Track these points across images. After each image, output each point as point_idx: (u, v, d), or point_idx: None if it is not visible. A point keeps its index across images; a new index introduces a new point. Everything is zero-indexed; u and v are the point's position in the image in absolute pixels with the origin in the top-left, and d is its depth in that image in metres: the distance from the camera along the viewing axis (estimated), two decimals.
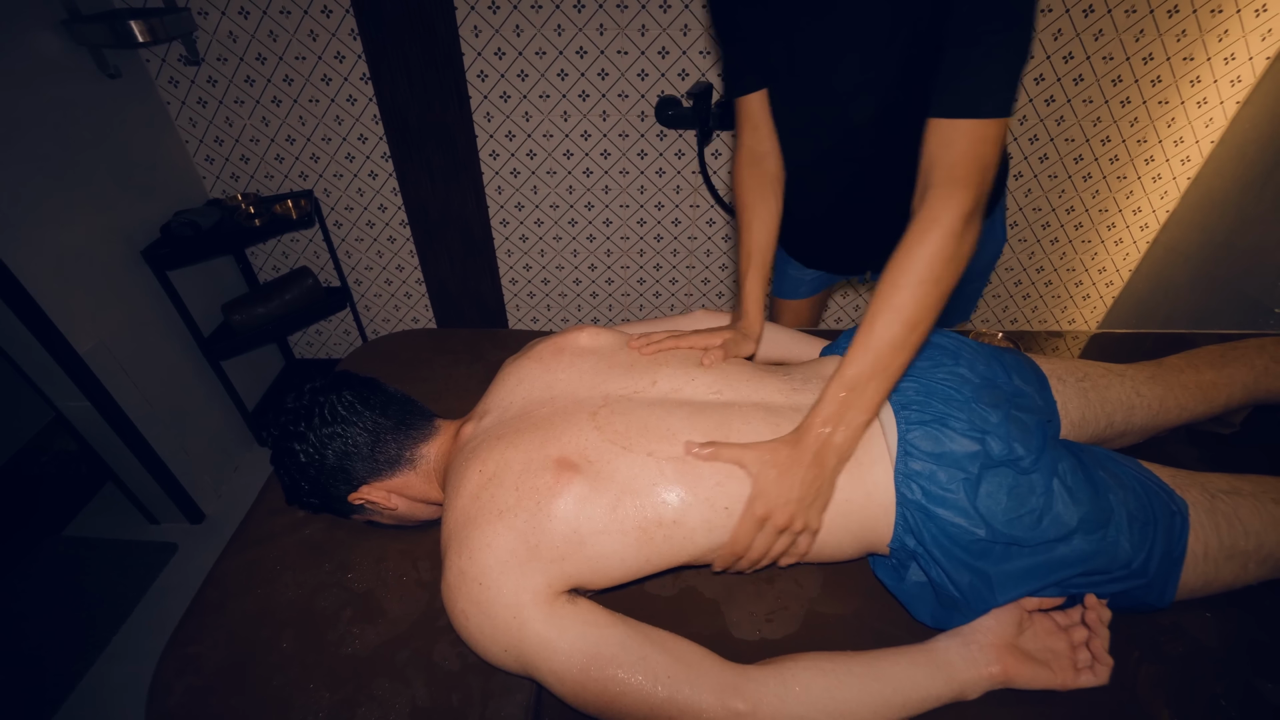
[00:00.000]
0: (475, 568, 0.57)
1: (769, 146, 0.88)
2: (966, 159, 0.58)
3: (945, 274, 0.59)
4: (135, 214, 1.55)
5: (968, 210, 0.58)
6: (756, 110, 0.87)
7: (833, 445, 0.61)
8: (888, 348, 0.60)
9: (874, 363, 0.60)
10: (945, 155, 0.59)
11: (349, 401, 0.72)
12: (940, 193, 0.59)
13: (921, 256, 0.59)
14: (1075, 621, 0.63)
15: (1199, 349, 0.86)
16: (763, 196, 0.87)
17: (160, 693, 0.64)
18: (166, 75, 1.58)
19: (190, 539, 1.73)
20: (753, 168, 0.88)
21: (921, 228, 0.59)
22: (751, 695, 0.54)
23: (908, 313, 0.59)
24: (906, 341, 0.60)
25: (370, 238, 1.89)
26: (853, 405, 0.61)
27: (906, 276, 0.59)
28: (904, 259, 0.60)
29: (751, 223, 0.87)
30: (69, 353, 1.38)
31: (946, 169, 0.59)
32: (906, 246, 0.60)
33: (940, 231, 0.58)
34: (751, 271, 0.86)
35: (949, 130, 0.59)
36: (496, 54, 1.55)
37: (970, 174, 0.58)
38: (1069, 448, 0.67)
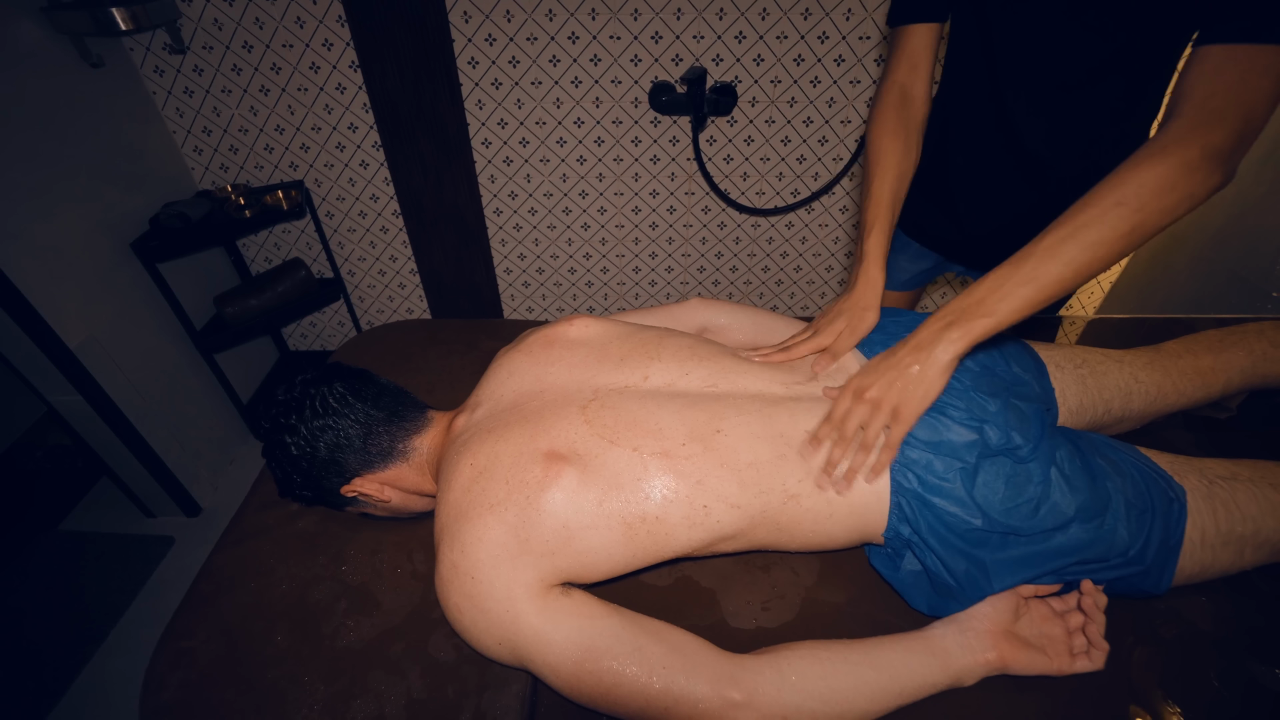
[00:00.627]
0: (467, 562, 0.57)
1: (922, 91, 0.79)
2: (1232, 89, 0.50)
3: (1154, 207, 0.51)
4: (123, 206, 1.53)
5: (1215, 148, 0.50)
6: (921, 46, 0.78)
7: (943, 336, 0.58)
8: (1049, 258, 0.54)
9: (1027, 270, 0.55)
10: (1205, 84, 0.51)
11: (340, 393, 0.71)
12: (1186, 121, 0.51)
13: (1134, 179, 0.51)
14: (1071, 607, 0.64)
15: (1197, 334, 0.85)
16: (905, 144, 0.78)
17: (154, 687, 0.64)
18: (151, 64, 1.56)
19: (187, 532, 1.73)
20: (899, 109, 0.79)
21: (1148, 151, 0.52)
22: (747, 684, 0.54)
23: (1090, 231, 0.52)
24: (1074, 260, 0.53)
25: (363, 228, 1.87)
26: (983, 304, 0.57)
27: (1105, 195, 0.52)
28: (1111, 179, 0.52)
29: (886, 170, 0.77)
30: (59, 347, 1.36)
31: (1202, 98, 0.51)
32: (1120, 169, 0.52)
33: (1170, 160, 0.50)
34: (878, 226, 0.76)
35: (1220, 58, 0.51)
36: (487, 40, 1.52)
37: (1232, 108, 0.50)
38: (1067, 435, 0.67)
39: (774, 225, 1.86)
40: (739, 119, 1.65)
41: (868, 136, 0.82)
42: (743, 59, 1.55)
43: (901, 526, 0.63)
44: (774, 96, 1.61)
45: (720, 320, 0.89)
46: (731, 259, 1.94)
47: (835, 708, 0.55)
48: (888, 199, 0.77)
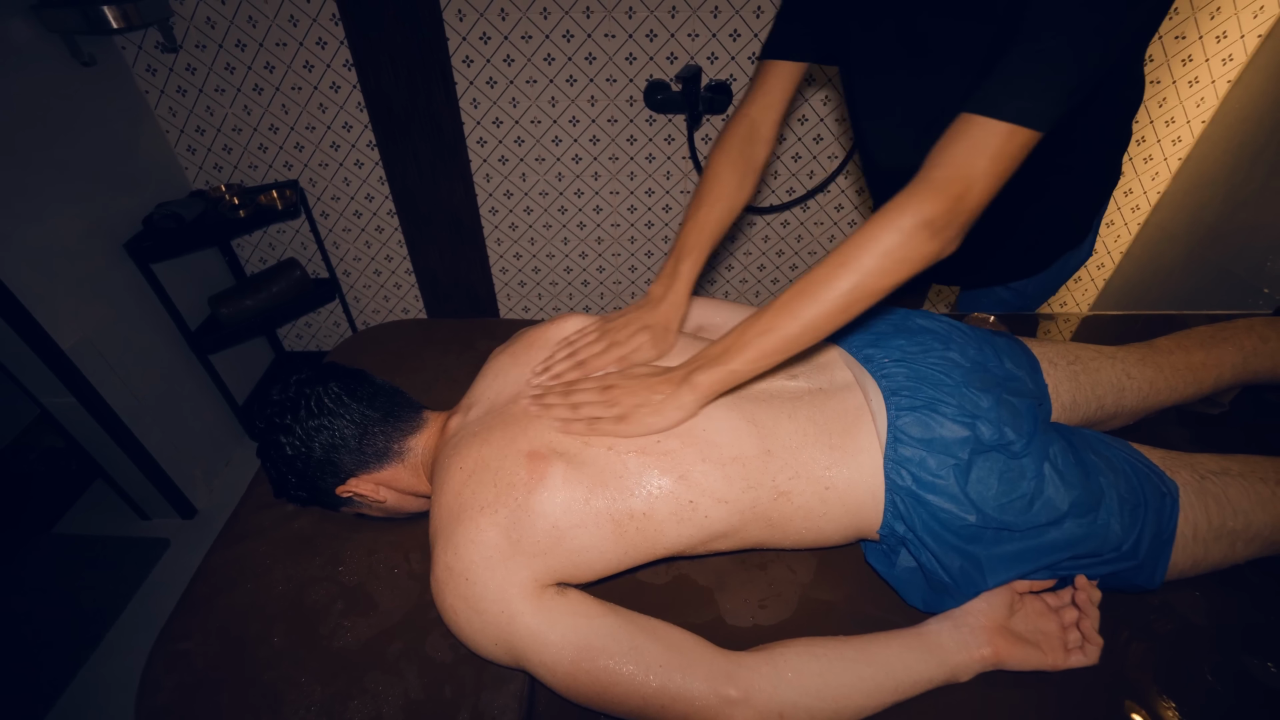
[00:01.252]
0: (461, 564, 0.57)
1: (769, 131, 0.81)
2: (954, 162, 0.52)
3: (873, 270, 0.54)
4: (116, 206, 1.52)
5: (928, 219, 0.52)
6: (778, 84, 0.79)
7: (690, 380, 0.61)
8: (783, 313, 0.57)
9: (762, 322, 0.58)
10: (937, 152, 0.53)
11: (335, 393, 0.71)
12: (914, 188, 0.53)
13: (860, 241, 0.54)
14: (1065, 602, 0.64)
15: (1189, 330, 0.86)
16: (741, 179, 0.80)
17: (150, 690, 0.64)
18: (144, 63, 1.55)
19: (183, 534, 1.72)
20: (743, 144, 0.81)
21: (878, 214, 0.54)
22: (744, 682, 0.54)
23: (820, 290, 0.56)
24: (803, 316, 0.56)
25: (358, 228, 1.87)
26: (727, 354, 0.60)
27: (837, 254, 0.55)
28: (849, 238, 0.56)
29: (718, 199, 0.78)
30: (52, 349, 1.36)
31: (929, 166, 0.53)
32: (859, 228, 0.56)
33: (889, 226, 0.53)
34: (696, 253, 0.77)
35: (956, 126, 0.53)
36: (482, 38, 1.52)
37: (953, 179, 0.52)
38: (1060, 431, 0.67)
39: (769, 223, 1.86)
40: None
41: (708, 160, 0.82)
42: (737, 57, 1.55)
43: (896, 524, 0.63)
44: None
45: (715, 319, 0.89)
46: (727, 257, 1.94)
47: (832, 704, 0.55)
48: (712, 227, 0.78)
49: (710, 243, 0.78)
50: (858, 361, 0.71)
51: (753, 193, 0.83)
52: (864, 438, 0.65)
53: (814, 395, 0.68)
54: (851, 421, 0.65)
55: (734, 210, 0.81)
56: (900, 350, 0.69)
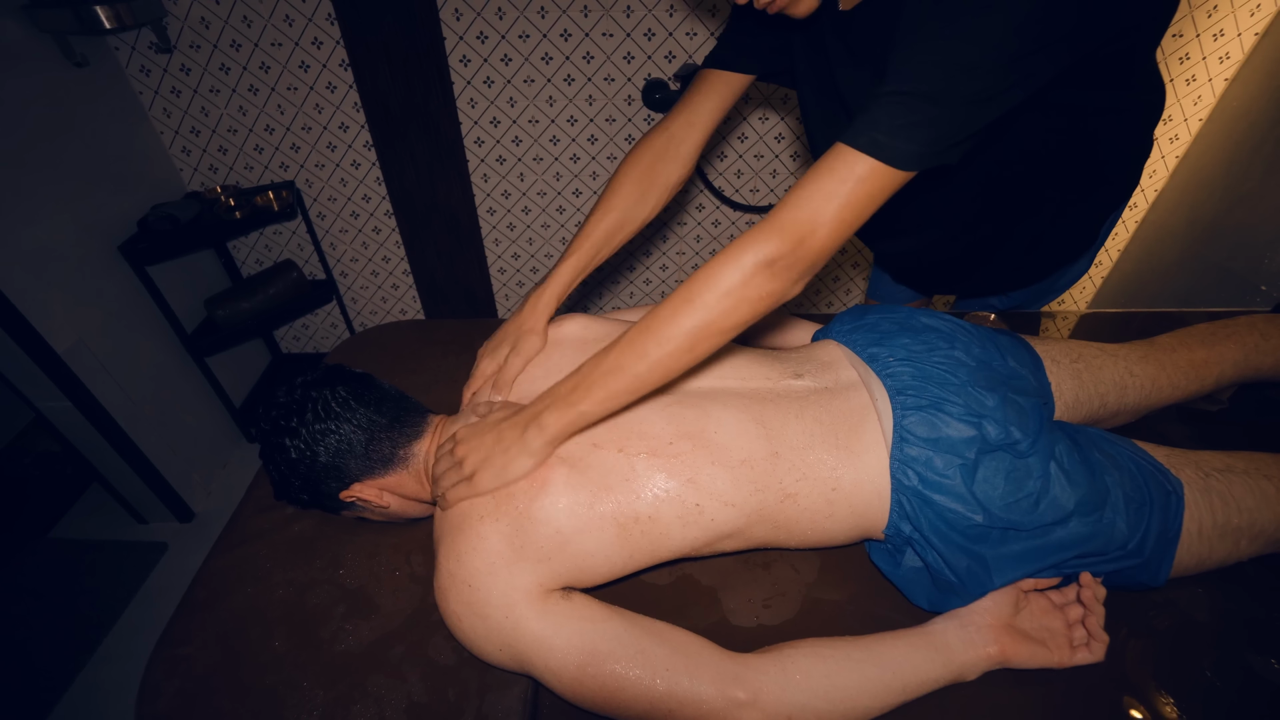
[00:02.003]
0: (464, 570, 0.57)
1: (688, 151, 0.79)
2: (800, 202, 0.50)
3: (718, 308, 0.52)
4: (110, 208, 1.51)
5: (769, 258, 0.50)
6: (713, 97, 0.76)
7: (537, 422, 0.59)
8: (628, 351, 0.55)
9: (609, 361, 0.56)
10: (794, 190, 0.52)
11: (343, 397, 0.70)
12: (763, 225, 0.51)
13: (705, 278, 0.52)
14: (1071, 600, 0.64)
15: (1190, 327, 0.86)
16: (643, 196, 0.78)
17: (150, 695, 0.63)
18: (137, 64, 1.53)
19: (180, 538, 1.71)
20: (655, 160, 0.78)
21: (726, 250, 0.53)
22: (752, 684, 0.54)
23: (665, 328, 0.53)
24: (649, 354, 0.54)
25: (355, 229, 1.86)
26: (574, 393, 0.57)
27: (683, 291, 0.53)
28: (696, 274, 0.53)
29: (610, 212, 0.77)
30: (47, 352, 1.34)
31: (785, 203, 0.51)
32: (709, 263, 0.54)
33: (733, 264, 0.51)
34: (573, 257, 0.77)
35: (818, 163, 0.51)
36: (479, 38, 1.51)
37: (799, 222, 0.50)
38: (1065, 430, 0.67)
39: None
40: (733, 116, 1.64)
41: (618, 167, 0.81)
42: None
43: (902, 524, 0.63)
44: (767, 93, 1.60)
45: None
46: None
47: (840, 705, 0.55)
48: (598, 237, 0.78)
49: (591, 251, 0.78)
50: (863, 360, 0.71)
51: (655, 211, 0.80)
52: (870, 437, 0.64)
53: (820, 395, 0.68)
54: (858, 421, 0.65)
55: (625, 225, 0.79)
56: (905, 349, 0.69)
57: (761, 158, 1.72)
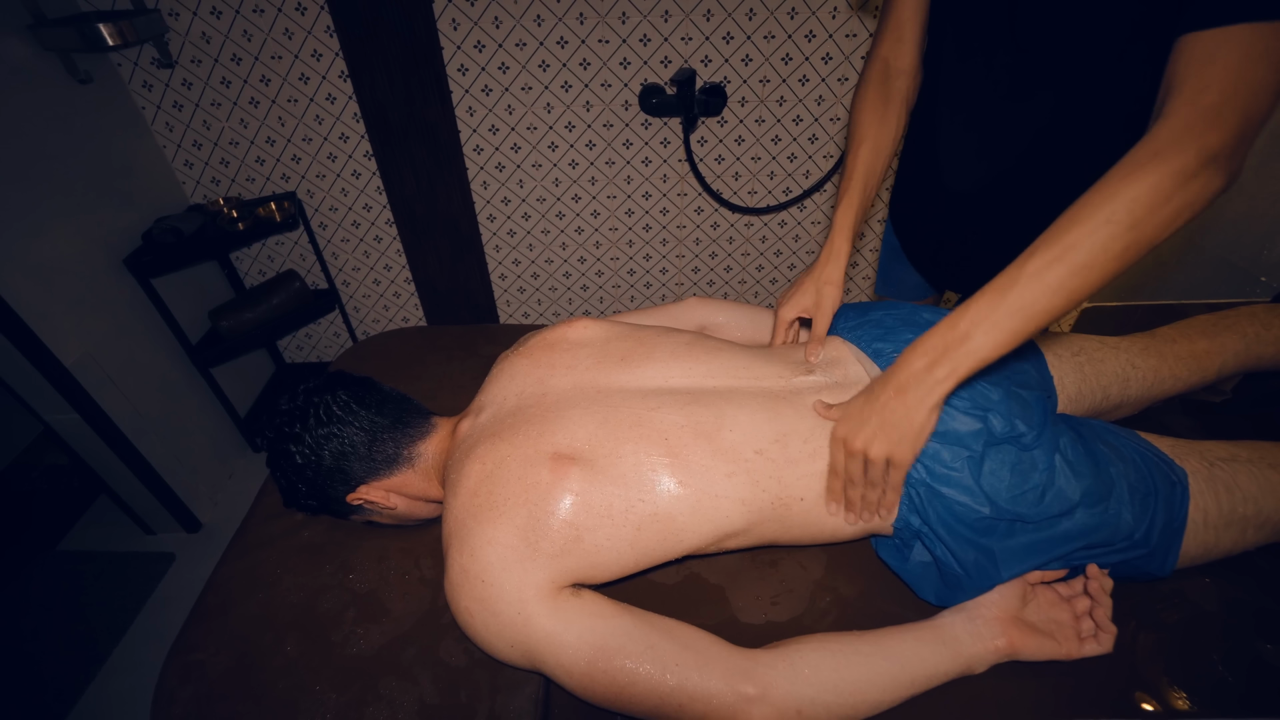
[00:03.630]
0: (477, 565, 0.57)
1: (908, 64, 0.77)
2: (1229, 81, 0.44)
3: (1150, 223, 0.45)
4: (115, 222, 1.52)
5: (1213, 151, 0.44)
6: (908, 13, 0.74)
7: (927, 378, 0.54)
8: (1037, 285, 0.48)
9: (1013, 297, 0.49)
10: (1196, 77, 0.45)
11: (344, 401, 0.71)
12: (1178, 121, 0.45)
13: (1124, 192, 0.45)
14: (1078, 592, 0.64)
15: (1190, 319, 0.86)
16: (882, 118, 0.77)
17: (164, 701, 0.64)
18: (140, 79, 1.55)
19: (187, 548, 1.71)
20: (880, 85, 0.77)
21: (1136, 159, 0.46)
22: (761, 679, 0.54)
23: (1080, 252, 0.46)
24: (1064, 285, 0.47)
25: (356, 238, 1.87)
26: (968, 339, 0.51)
27: (1094, 212, 0.46)
28: (1099, 191, 0.46)
29: (860, 145, 0.77)
30: (54, 365, 1.35)
31: (1194, 93, 0.44)
32: (1108, 179, 0.47)
33: (1162, 168, 0.44)
34: (846, 200, 0.76)
35: (1212, 43, 0.44)
36: (476, 47, 1.52)
37: (1229, 103, 0.43)
38: (1068, 422, 0.68)
39: (766, 224, 1.87)
40: (729, 119, 1.65)
41: (850, 114, 0.81)
42: (731, 59, 1.56)
43: (911, 517, 0.64)
44: (763, 96, 1.62)
45: (718, 318, 0.89)
46: (725, 259, 1.95)
47: (849, 699, 0.55)
48: (860, 172, 0.77)
49: (860, 187, 0.77)
50: (869, 357, 0.71)
51: (899, 126, 0.79)
52: None
53: (829, 390, 0.69)
54: None
55: (880, 149, 0.78)
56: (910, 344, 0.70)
57: (758, 160, 1.73)
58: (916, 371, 0.55)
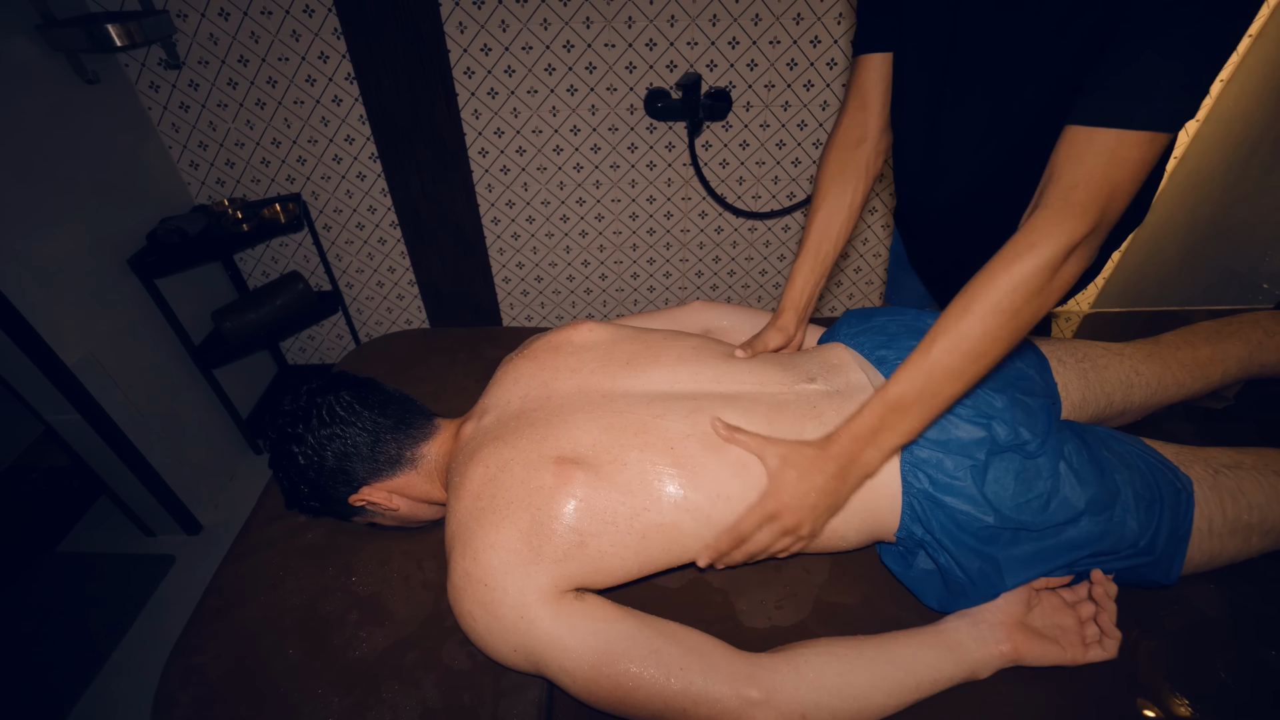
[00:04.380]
0: (480, 569, 0.57)
1: (873, 130, 0.79)
2: (1093, 179, 0.49)
3: (1026, 309, 0.51)
4: (120, 222, 1.52)
5: (1074, 241, 0.49)
6: (872, 80, 0.76)
7: (859, 462, 0.58)
8: (941, 374, 0.54)
9: (923, 388, 0.55)
10: (1069, 171, 0.50)
11: (347, 402, 0.71)
12: (1049, 215, 0.50)
13: (1004, 283, 0.51)
14: (1082, 597, 0.64)
15: (1194, 325, 0.86)
16: (840, 185, 0.79)
17: (165, 704, 0.63)
18: (147, 80, 1.56)
19: (188, 550, 1.71)
20: (843, 151, 0.80)
21: (1014, 250, 0.51)
22: (765, 683, 0.54)
23: (972, 342, 0.53)
24: (964, 373, 0.54)
25: (360, 240, 1.87)
26: (889, 427, 0.57)
27: (980, 303, 0.52)
28: (985, 282, 0.52)
29: (817, 211, 0.80)
30: (57, 365, 1.35)
31: (1066, 188, 0.50)
32: (991, 268, 0.52)
33: (1034, 260, 0.50)
34: (798, 264, 0.81)
35: (1083, 140, 0.49)
36: (483, 50, 1.53)
37: (1092, 199, 0.49)
38: (1073, 429, 0.67)
39: (770, 229, 1.87)
40: (734, 124, 1.66)
41: (815, 179, 0.84)
42: (736, 64, 1.56)
43: (914, 526, 0.63)
44: (768, 101, 1.62)
45: (723, 323, 0.89)
46: (729, 263, 1.95)
47: (853, 704, 0.55)
48: (811, 239, 0.81)
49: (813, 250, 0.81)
50: (870, 363, 0.71)
51: (861, 189, 0.81)
52: None
53: (830, 399, 0.68)
54: None
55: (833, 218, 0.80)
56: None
57: (763, 165, 1.73)
58: (852, 460, 0.59)
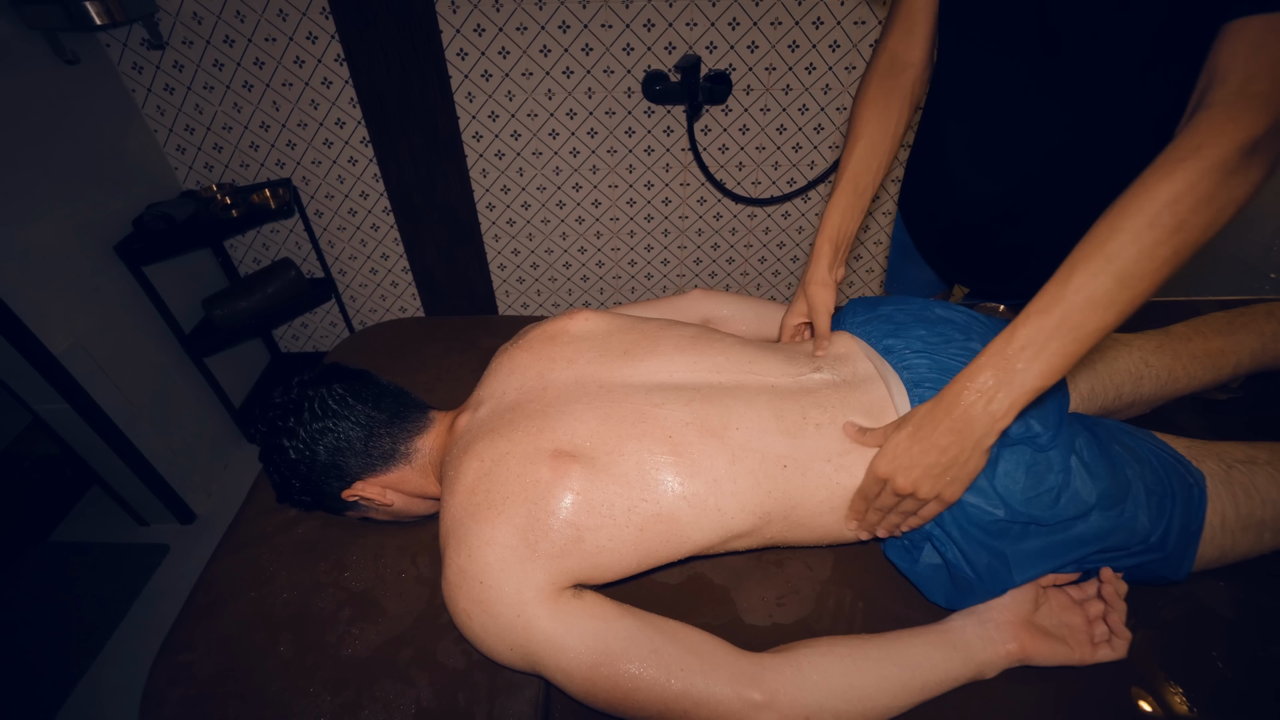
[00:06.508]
0: (475, 566, 0.55)
1: (918, 57, 0.73)
2: (1276, 67, 0.42)
3: (1194, 221, 0.43)
4: (105, 208, 1.49)
5: (1254, 137, 0.42)
6: (919, 4, 0.71)
7: (986, 414, 0.50)
8: (1084, 303, 0.46)
9: (1061, 319, 0.46)
10: (1241, 64, 0.43)
11: (340, 395, 0.69)
12: (1221, 112, 0.43)
13: (1165, 192, 0.43)
14: (1091, 595, 0.63)
15: (1205, 316, 0.85)
16: (884, 113, 0.73)
17: (152, 703, 0.62)
18: (129, 61, 1.51)
19: (182, 539, 1.70)
20: (885, 76, 0.74)
21: (1175, 155, 0.44)
22: (768, 684, 0.53)
23: (1124, 263, 0.44)
24: (1115, 300, 0.45)
25: (353, 226, 1.84)
26: (1021, 366, 0.48)
27: (1134, 218, 0.44)
28: (1138, 194, 0.44)
29: (855, 142, 0.73)
30: (43, 354, 1.33)
31: (1240, 81, 0.43)
32: (1145, 179, 0.44)
33: (1202, 162, 0.42)
34: (832, 198, 0.74)
35: (1260, 31, 0.43)
36: (476, 30, 1.49)
37: (1276, 90, 0.42)
38: (1084, 422, 0.66)
39: (770, 215, 1.84)
40: (734, 108, 1.62)
41: (852, 107, 0.78)
42: (736, 46, 1.52)
43: None
44: (769, 84, 1.58)
45: (723, 311, 0.87)
46: (728, 250, 1.92)
47: (858, 705, 0.53)
48: (850, 170, 0.74)
49: (850, 185, 0.74)
50: (878, 353, 0.69)
51: (902, 121, 0.75)
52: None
53: (837, 388, 0.67)
54: (875, 416, 0.64)
55: (877, 144, 0.74)
56: (921, 341, 0.68)
57: (763, 150, 1.70)
58: (973, 410, 0.51)
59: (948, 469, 0.54)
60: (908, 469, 0.55)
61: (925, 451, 0.53)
